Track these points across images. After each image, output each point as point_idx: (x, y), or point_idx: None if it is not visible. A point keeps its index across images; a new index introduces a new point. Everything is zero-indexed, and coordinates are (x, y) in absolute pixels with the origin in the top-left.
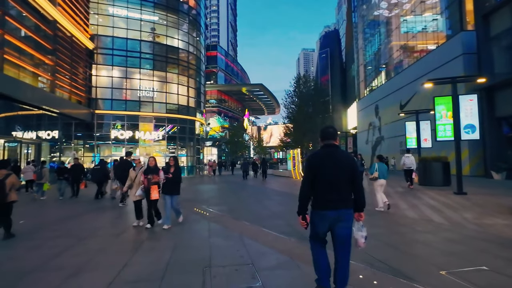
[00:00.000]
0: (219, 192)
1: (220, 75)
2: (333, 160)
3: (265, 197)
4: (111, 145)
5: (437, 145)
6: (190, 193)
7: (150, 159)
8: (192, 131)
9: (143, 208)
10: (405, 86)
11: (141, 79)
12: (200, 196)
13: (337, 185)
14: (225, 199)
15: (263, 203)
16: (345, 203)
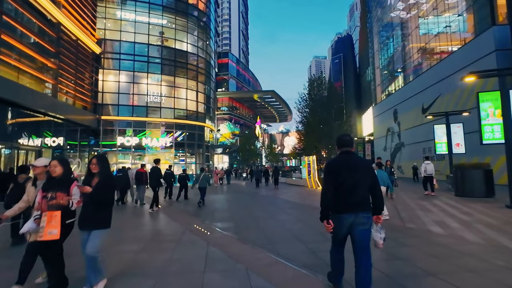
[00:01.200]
0: (227, 204)
1: (231, 82)
2: (350, 166)
3: (278, 210)
4: (118, 152)
5: (471, 151)
6: (192, 205)
7: (52, 162)
8: (201, 137)
9: None
10: (428, 89)
11: (148, 84)
12: (204, 208)
13: (355, 189)
14: (232, 212)
15: (277, 218)
16: (363, 207)
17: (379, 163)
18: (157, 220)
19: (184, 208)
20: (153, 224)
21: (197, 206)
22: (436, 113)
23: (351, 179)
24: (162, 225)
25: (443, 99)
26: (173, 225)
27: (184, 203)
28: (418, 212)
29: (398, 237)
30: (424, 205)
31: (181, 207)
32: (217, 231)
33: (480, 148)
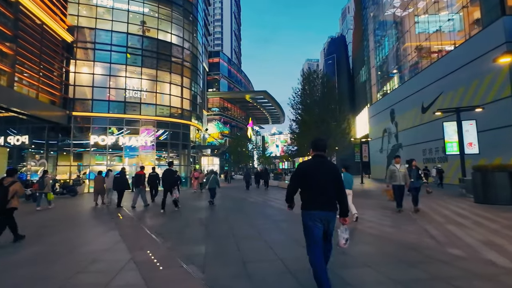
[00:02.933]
0: (206, 214)
1: (223, 82)
2: (321, 169)
3: (269, 224)
4: (92, 153)
5: (486, 151)
6: (162, 216)
7: None
8: (187, 137)
9: None
10: (428, 86)
11: (127, 77)
12: (173, 222)
13: (322, 191)
14: (209, 227)
15: (266, 239)
16: (331, 206)
17: (346, 166)
18: (104, 237)
19: (152, 219)
20: (95, 245)
21: (167, 216)
22: (445, 109)
23: (320, 181)
24: (105, 248)
25: (446, 96)
26: (119, 249)
27: (158, 211)
28: (449, 227)
29: (450, 277)
30: (450, 216)
31: (150, 217)
32: (175, 265)
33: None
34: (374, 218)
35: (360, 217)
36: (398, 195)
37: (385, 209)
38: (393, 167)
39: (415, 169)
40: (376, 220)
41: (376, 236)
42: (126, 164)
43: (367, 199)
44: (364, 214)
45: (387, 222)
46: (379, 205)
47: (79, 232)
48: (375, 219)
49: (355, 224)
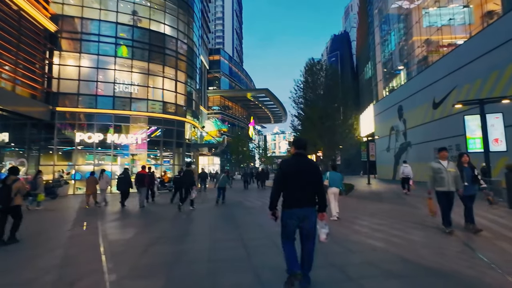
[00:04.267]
0: (183, 226)
1: (224, 80)
2: (301, 167)
3: (264, 239)
4: (78, 151)
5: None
6: (136, 226)
7: None
8: (181, 134)
9: None
10: (440, 80)
11: (116, 70)
12: (144, 235)
13: (302, 188)
14: (180, 246)
15: (258, 263)
16: (309, 203)
17: (333, 165)
18: (39, 260)
19: (115, 231)
20: (13, 275)
21: (134, 228)
22: (467, 101)
23: (300, 179)
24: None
25: (460, 90)
26: None
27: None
28: (504, 245)
29: None
30: (494, 229)
31: (113, 228)
32: None
33: None
34: (402, 236)
35: (387, 235)
36: (446, 207)
37: (415, 221)
38: (438, 164)
39: (468, 167)
40: (404, 236)
41: (412, 263)
42: (118, 164)
43: (382, 203)
44: (389, 229)
45: (417, 238)
46: (403, 213)
47: None
48: (404, 237)
49: (373, 246)
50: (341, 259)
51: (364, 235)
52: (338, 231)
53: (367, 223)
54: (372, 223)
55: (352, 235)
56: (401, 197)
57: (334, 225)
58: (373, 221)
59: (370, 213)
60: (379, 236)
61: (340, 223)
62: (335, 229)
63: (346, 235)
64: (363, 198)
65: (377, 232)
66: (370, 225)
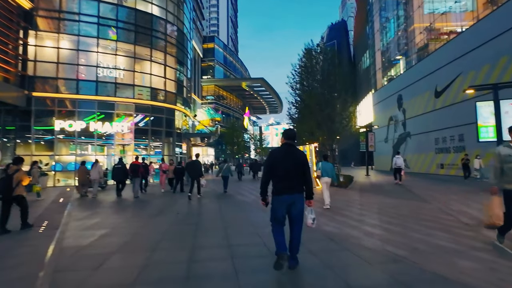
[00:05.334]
0: (167, 226)
1: (218, 69)
2: (290, 156)
3: (256, 244)
4: (59, 141)
5: None
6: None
7: None
8: (171, 123)
9: None
10: (443, 68)
11: (99, 53)
12: (110, 239)
13: (290, 176)
14: (156, 254)
15: (245, 283)
16: (297, 190)
17: (325, 155)
18: None
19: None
20: None
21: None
22: (479, 86)
23: (288, 167)
24: None
25: (466, 77)
26: None
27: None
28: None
29: None
30: None
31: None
32: None
33: None
34: (426, 241)
35: (407, 239)
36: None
37: (434, 220)
38: (509, 149)
39: None
40: (429, 241)
41: (457, 285)
42: (105, 155)
43: (387, 197)
44: (406, 230)
45: (446, 243)
46: (415, 209)
47: None
48: (430, 243)
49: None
50: (358, 275)
51: (378, 238)
52: (348, 234)
53: (378, 221)
54: (383, 221)
55: (364, 239)
56: (406, 190)
57: (344, 227)
58: (383, 219)
59: (377, 209)
60: (398, 240)
61: (348, 222)
62: (345, 232)
63: (358, 239)
64: (366, 191)
65: (393, 235)
66: (382, 224)
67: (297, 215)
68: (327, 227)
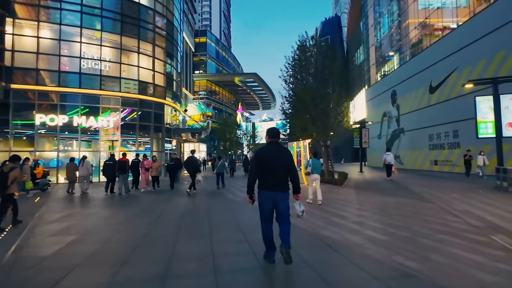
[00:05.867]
0: (145, 230)
1: (210, 64)
2: (275, 154)
3: (244, 254)
4: (41, 136)
5: None
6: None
7: None
8: (160, 118)
9: None
10: (438, 63)
11: (83, 43)
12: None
13: (276, 173)
14: (124, 269)
15: None
16: (282, 186)
17: (315, 152)
18: None
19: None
20: None
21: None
22: (478, 80)
23: (274, 164)
24: None
25: (461, 72)
26: None
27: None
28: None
29: None
30: None
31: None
32: None
33: None
34: (439, 249)
35: (417, 247)
36: None
37: (441, 223)
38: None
39: None
40: (443, 249)
41: None
42: (91, 150)
43: (385, 195)
44: (413, 235)
45: (462, 252)
46: (417, 210)
47: None
48: (444, 251)
49: None
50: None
51: (384, 245)
52: (349, 240)
53: (380, 224)
54: (386, 224)
55: (368, 246)
56: (403, 188)
57: (344, 231)
58: (385, 221)
59: (378, 209)
60: (406, 247)
61: (348, 225)
62: (345, 237)
63: (361, 247)
64: (362, 189)
65: (400, 241)
66: (385, 227)
67: (284, 211)
68: (325, 231)
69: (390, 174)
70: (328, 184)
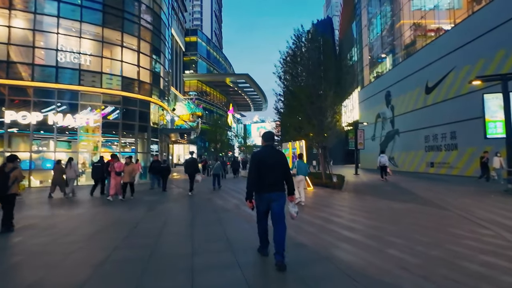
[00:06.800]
0: (119, 241)
1: (201, 64)
2: (270, 156)
3: (232, 274)
4: (11, 135)
5: None
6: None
7: None
8: (146, 117)
9: None
10: (435, 62)
11: (60, 35)
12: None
13: (272, 175)
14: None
15: None
16: (277, 188)
17: (300, 155)
18: None
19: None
20: None
21: None
22: (486, 76)
23: (269, 167)
24: None
25: (459, 72)
26: None
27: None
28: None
29: None
30: None
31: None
32: None
33: None
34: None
35: (468, 277)
36: None
37: (476, 238)
38: None
39: None
40: (505, 280)
41: None
42: (70, 151)
43: (392, 200)
44: (451, 257)
45: None
46: (437, 219)
47: None
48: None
49: None
50: None
51: (421, 274)
52: (372, 264)
53: (402, 240)
54: (408, 239)
55: (401, 274)
56: (407, 192)
57: (362, 251)
58: (406, 234)
59: (390, 219)
60: (450, 276)
61: (364, 242)
62: (367, 261)
63: (392, 274)
64: (363, 193)
65: (438, 266)
66: (410, 244)
67: (277, 212)
68: (338, 251)
69: (385, 175)
70: (326, 188)
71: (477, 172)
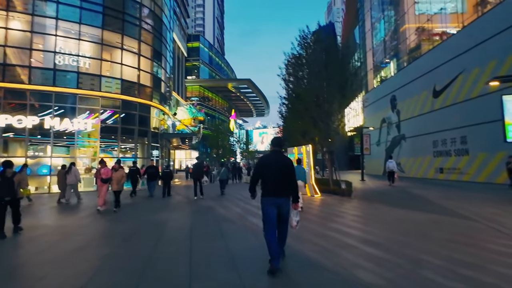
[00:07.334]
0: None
1: (203, 69)
2: (275, 162)
3: None
4: (6, 139)
5: None
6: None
7: None
8: (146, 121)
9: None
10: (442, 66)
11: (59, 36)
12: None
13: (279, 180)
14: None
15: None
16: (285, 193)
17: (298, 160)
18: None
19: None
20: None
21: None
22: (505, 77)
23: (273, 172)
24: None
25: (468, 75)
26: None
27: None
28: None
29: None
30: None
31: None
32: None
33: None
34: None
35: None
36: None
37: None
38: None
39: None
40: None
41: None
42: (69, 156)
43: (409, 210)
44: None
45: None
46: (469, 232)
47: None
48: None
49: None
50: None
51: None
52: None
53: (438, 259)
54: (445, 259)
55: None
56: (422, 199)
57: (391, 273)
58: (440, 252)
59: (414, 232)
60: None
61: (392, 260)
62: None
63: None
64: (375, 201)
65: None
66: (451, 266)
67: (285, 216)
68: (364, 272)
69: (393, 180)
70: (334, 195)
71: (490, 178)
